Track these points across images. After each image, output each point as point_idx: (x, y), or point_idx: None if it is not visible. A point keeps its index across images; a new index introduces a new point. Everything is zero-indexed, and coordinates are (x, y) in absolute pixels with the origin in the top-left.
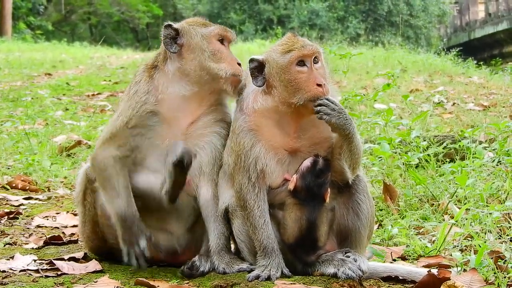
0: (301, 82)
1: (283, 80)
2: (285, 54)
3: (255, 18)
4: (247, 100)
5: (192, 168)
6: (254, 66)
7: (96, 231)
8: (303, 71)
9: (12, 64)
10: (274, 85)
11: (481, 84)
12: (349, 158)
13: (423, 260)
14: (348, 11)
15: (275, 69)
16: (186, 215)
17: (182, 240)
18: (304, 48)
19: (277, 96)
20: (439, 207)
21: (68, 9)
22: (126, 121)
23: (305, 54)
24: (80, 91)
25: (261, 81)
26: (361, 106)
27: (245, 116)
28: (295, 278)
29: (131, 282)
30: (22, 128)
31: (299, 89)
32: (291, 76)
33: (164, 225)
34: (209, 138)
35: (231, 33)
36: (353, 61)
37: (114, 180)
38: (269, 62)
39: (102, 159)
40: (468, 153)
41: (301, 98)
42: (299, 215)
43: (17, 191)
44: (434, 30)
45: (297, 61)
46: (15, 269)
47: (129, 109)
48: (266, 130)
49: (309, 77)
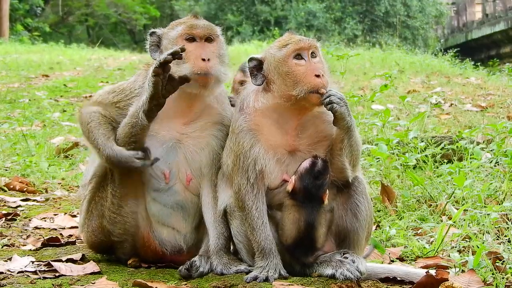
0: (299, 75)
1: (281, 73)
2: (282, 48)
3: (252, 19)
4: (248, 99)
5: (194, 166)
6: (254, 65)
7: (103, 225)
8: (300, 63)
9: (9, 65)
10: (273, 81)
11: (479, 85)
12: (349, 153)
13: (421, 261)
14: (345, 12)
15: (273, 63)
16: (192, 213)
17: (188, 238)
18: (301, 41)
19: (276, 92)
20: (437, 208)
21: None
22: (115, 101)
23: (302, 47)
24: (77, 92)
25: (260, 80)
26: (358, 107)
27: (245, 116)
28: (293, 279)
29: (129, 283)
30: (20, 130)
31: (298, 81)
32: (289, 69)
33: (170, 222)
34: (207, 140)
35: (197, 29)
36: (350, 62)
37: (96, 130)
38: (267, 58)
39: (89, 112)
40: (466, 154)
41: (301, 90)
42: (297, 216)
43: (15, 193)
44: (431, 31)
45: (294, 54)
46: (13, 271)
47: (122, 93)
48: (266, 130)
49: (307, 69)
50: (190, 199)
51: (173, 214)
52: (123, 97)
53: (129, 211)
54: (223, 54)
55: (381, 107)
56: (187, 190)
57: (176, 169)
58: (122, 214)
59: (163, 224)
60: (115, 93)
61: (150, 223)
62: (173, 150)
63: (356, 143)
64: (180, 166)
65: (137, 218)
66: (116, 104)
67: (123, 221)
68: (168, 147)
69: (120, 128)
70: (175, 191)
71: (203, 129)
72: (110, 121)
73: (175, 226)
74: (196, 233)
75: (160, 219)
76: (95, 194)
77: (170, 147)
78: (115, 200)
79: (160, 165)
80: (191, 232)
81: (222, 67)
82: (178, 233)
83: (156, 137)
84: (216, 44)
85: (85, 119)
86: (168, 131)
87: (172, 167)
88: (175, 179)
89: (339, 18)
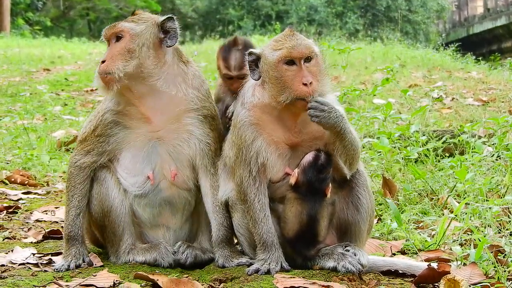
0: (287, 81)
1: (271, 77)
2: (275, 51)
3: (253, 14)
4: (247, 94)
5: (179, 160)
6: (252, 59)
7: (92, 230)
8: (290, 69)
9: (10, 59)
10: (266, 81)
11: (480, 79)
12: (343, 154)
13: (423, 254)
14: (346, 7)
15: (266, 65)
16: (180, 208)
17: (179, 233)
18: (294, 49)
19: (268, 91)
20: (438, 201)
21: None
22: (92, 129)
23: (293, 55)
24: (78, 86)
25: (257, 75)
26: (360, 101)
27: (246, 111)
28: (294, 272)
29: (130, 276)
30: (21, 123)
31: (285, 87)
32: (278, 74)
33: (160, 220)
34: (188, 128)
35: (105, 30)
36: (351, 56)
37: (71, 196)
38: (263, 56)
39: (71, 165)
40: (468, 148)
41: (288, 97)
42: (299, 209)
43: (16, 186)
44: (432, 26)
45: (285, 60)
46: (14, 263)
47: (95, 118)
48: (267, 125)
49: (296, 76)
50: (177, 194)
51: (162, 212)
52: (98, 121)
53: (115, 219)
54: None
55: (382, 101)
56: (173, 186)
57: (159, 168)
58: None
59: (154, 226)
60: (91, 121)
61: (140, 227)
62: (154, 151)
63: (351, 144)
64: (164, 163)
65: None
66: (94, 132)
67: (110, 226)
68: (149, 148)
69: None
70: (160, 189)
71: (178, 118)
72: (90, 171)
73: (164, 223)
74: (187, 227)
75: (151, 221)
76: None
77: (151, 147)
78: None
79: (144, 170)
80: (180, 227)
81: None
82: (168, 230)
83: (134, 146)
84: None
85: (67, 173)
86: (143, 135)
87: (155, 167)
88: (160, 177)
89: (341, 13)
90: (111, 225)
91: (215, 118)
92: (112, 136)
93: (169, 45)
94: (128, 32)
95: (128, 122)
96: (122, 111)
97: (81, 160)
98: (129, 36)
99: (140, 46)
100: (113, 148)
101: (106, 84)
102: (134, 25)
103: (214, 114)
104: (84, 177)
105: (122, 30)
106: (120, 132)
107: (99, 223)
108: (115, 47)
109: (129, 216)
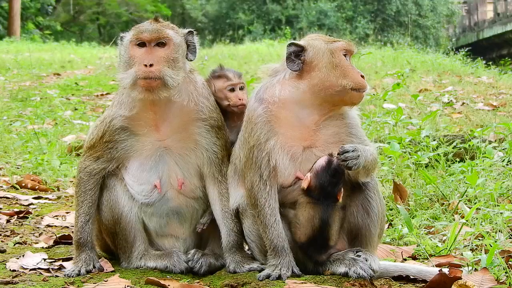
0: (348, 69)
1: (331, 62)
2: (333, 42)
3: (263, 18)
4: (272, 89)
5: (186, 169)
6: (293, 50)
7: (102, 236)
8: (347, 60)
9: (21, 64)
10: (318, 68)
11: (490, 84)
12: (364, 172)
13: (434, 259)
14: (356, 11)
15: (322, 51)
16: (188, 217)
17: (188, 242)
18: (351, 43)
19: (317, 80)
20: (449, 206)
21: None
22: (100, 135)
23: (350, 49)
24: (89, 91)
25: (298, 66)
26: (370, 106)
27: (266, 105)
28: (305, 278)
29: (142, 281)
30: (32, 128)
31: (346, 74)
32: (340, 61)
33: (167, 231)
34: (195, 138)
35: (149, 32)
36: (362, 61)
37: (81, 202)
38: (314, 46)
39: (80, 170)
40: (478, 153)
41: (348, 83)
42: (312, 214)
43: (27, 191)
44: (442, 30)
45: (344, 51)
46: (26, 268)
47: (103, 124)
48: (285, 122)
49: (354, 68)
50: (184, 203)
51: (170, 222)
52: (105, 127)
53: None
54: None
55: (392, 106)
56: (180, 195)
57: (166, 177)
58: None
59: (161, 236)
60: (98, 127)
61: (149, 236)
62: (162, 159)
63: (370, 164)
64: (171, 172)
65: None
66: (102, 138)
67: (121, 233)
68: (156, 157)
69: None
70: (167, 198)
71: (185, 128)
72: (100, 177)
73: (173, 233)
74: (196, 236)
75: (158, 231)
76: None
77: (158, 156)
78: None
79: (150, 179)
80: (189, 236)
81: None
82: (177, 240)
83: (141, 154)
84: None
85: (77, 179)
86: (151, 144)
87: (162, 176)
88: (167, 185)
89: (351, 17)
90: (122, 232)
91: (221, 128)
92: (120, 143)
93: (191, 59)
94: (172, 40)
95: (137, 129)
96: (133, 117)
97: (91, 166)
98: (173, 45)
99: (182, 57)
100: (121, 155)
101: (151, 88)
102: (175, 34)
103: (221, 125)
104: (94, 183)
105: (167, 37)
106: (128, 139)
107: (110, 230)
108: (158, 52)
109: (139, 223)
